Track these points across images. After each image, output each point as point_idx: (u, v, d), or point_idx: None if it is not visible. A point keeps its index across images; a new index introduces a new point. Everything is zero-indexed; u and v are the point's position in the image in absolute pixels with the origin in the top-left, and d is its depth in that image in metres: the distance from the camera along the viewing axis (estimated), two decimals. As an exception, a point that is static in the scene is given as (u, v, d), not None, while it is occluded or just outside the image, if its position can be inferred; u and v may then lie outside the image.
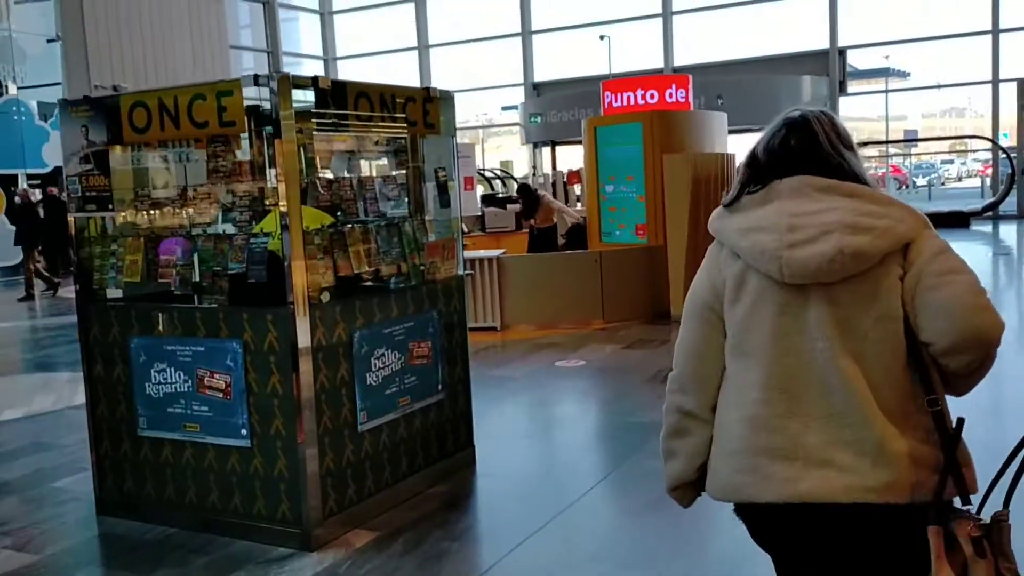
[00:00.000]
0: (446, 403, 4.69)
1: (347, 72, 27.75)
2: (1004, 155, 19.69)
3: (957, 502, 1.75)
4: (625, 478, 4.71)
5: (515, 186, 15.95)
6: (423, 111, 4.64)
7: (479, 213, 13.82)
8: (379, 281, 4.41)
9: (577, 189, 16.76)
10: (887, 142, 25.50)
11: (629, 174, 9.82)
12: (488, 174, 23.48)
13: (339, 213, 4.27)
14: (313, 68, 27.55)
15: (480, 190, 21.26)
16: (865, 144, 21.96)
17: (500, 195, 18.19)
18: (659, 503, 4.26)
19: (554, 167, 23.75)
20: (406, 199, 4.66)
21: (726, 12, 23.75)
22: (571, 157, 23.27)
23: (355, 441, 4.12)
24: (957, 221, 18.24)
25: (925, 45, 22.97)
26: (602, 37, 23.34)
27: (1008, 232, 16.82)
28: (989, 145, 21.93)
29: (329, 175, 4.50)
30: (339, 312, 4.04)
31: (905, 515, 1.70)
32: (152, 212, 4.32)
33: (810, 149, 1.82)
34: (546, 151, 25.44)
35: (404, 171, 4.71)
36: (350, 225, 4.27)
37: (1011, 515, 1.72)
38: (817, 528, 1.75)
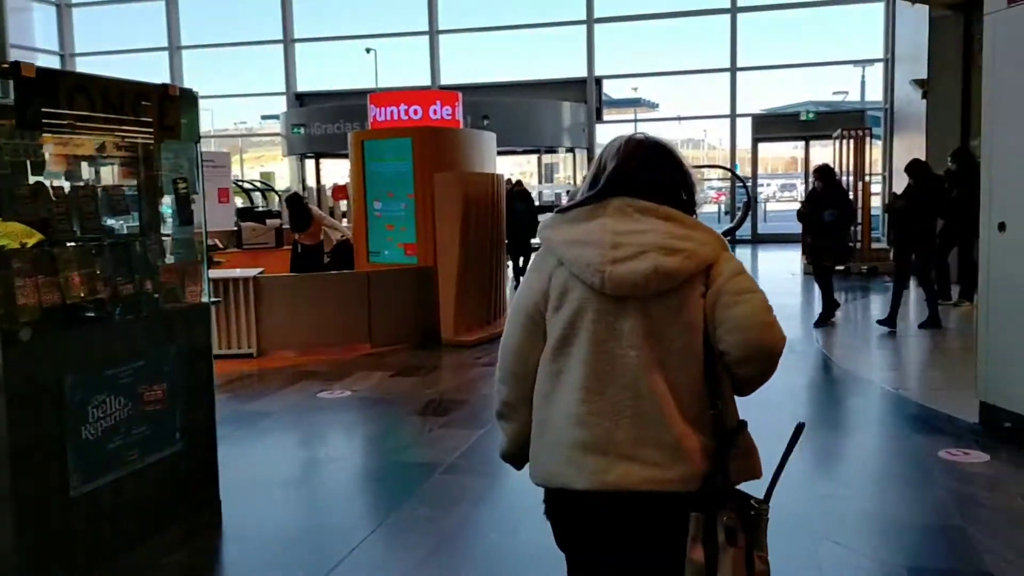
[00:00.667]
0: (185, 454, 4.00)
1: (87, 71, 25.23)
2: (740, 184, 21.28)
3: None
4: (397, 529, 4.23)
5: (276, 200, 15.05)
6: (160, 112, 3.94)
7: (235, 228, 12.81)
8: (101, 311, 3.66)
9: (343, 205, 16.10)
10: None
11: (398, 191, 9.38)
12: (247, 186, 22.19)
13: (50, 230, 3.48)
14: (47, 64, 24.82)
15: (240, 203, 20.04)
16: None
17: (259, 209, 17.10)
18: (435, 554, 3.89)
19: (318, 181, 22.83)
20: (137, 214, 3.93)
21: (493, 35, 24.03)
22: (336, 171, 22.50)
23: (65, 510, 3.35)
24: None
25: (672, 79, 24.46)
26: (368, 50, 22.81)
27: (744, 255, 18.09)
28: (723, 174, 23.67)
29: (51, 183, 3.67)
30: (45, 351, 3.28)
31: (692, 502, 1.88)
32: None
33: (647, 172, 1.99)
34: (310, 164, 24.45)
35: (135, 181, 3.97)
36: (64, 244, 3.50)
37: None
38: (621, 514, 1.92)
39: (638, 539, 1.95)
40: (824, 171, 9.79)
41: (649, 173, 2.00)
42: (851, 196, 14.66)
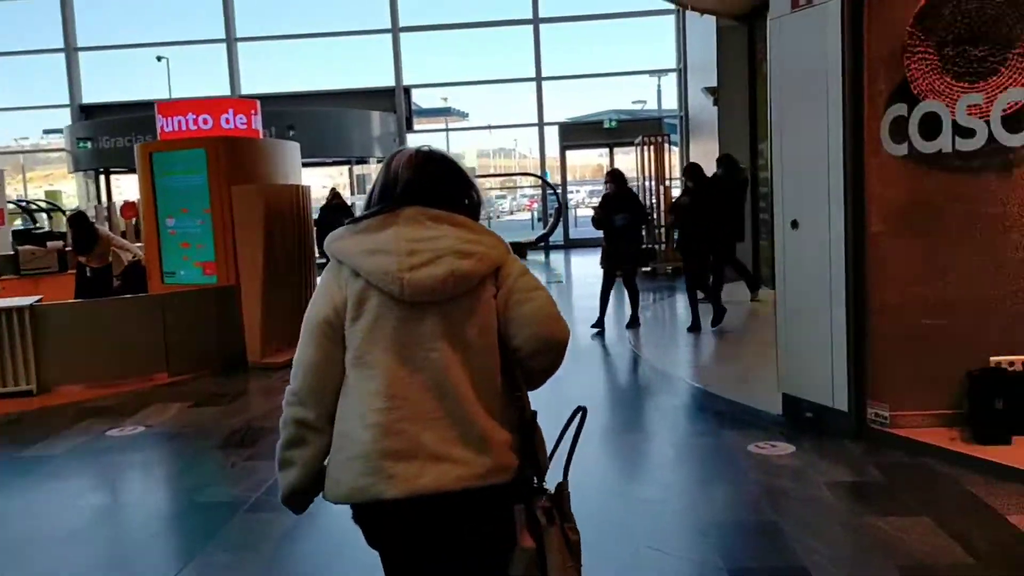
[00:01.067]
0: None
1: None
2: (551, 191, 21.71)
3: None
4: (194, 580, 3.82)
5: (63, 220, 13.80)
6: None
7: (11, 252, 11.60)
8: None
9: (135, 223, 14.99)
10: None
11: (193, 206, 8.76)
12: (32, 206, 20.36)
13: None
14: None
15: (20, 224, 18.31)
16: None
17: (37, 230, 15.63)
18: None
19: (109, 198, 21.25)
20: None
21: (296, 43, 23.29)
22: (131, 187, 21.04)
23: None
24: (515, 252, 19.66)
25: (481, 88, 24.65)
26: (160, 58, 21.51)
27: (557, 260, 18.44)
28: (535, 181, 24.09)
29: None
30: None
31: (506, 494, 1.96)
32: None
33: (432, 181, 2.05)
34: (101, 180, 22.75)
35: None
36: None
37: (571, 484, 2.09)
38: (439, 516, 1.95)
39: (457, 539, 2.00)
40: (615, 175, 9.63)
41: (439, 184, 2.06)
42: (643, 200, 15.31)
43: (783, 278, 5.70)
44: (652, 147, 15.54)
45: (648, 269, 14.04)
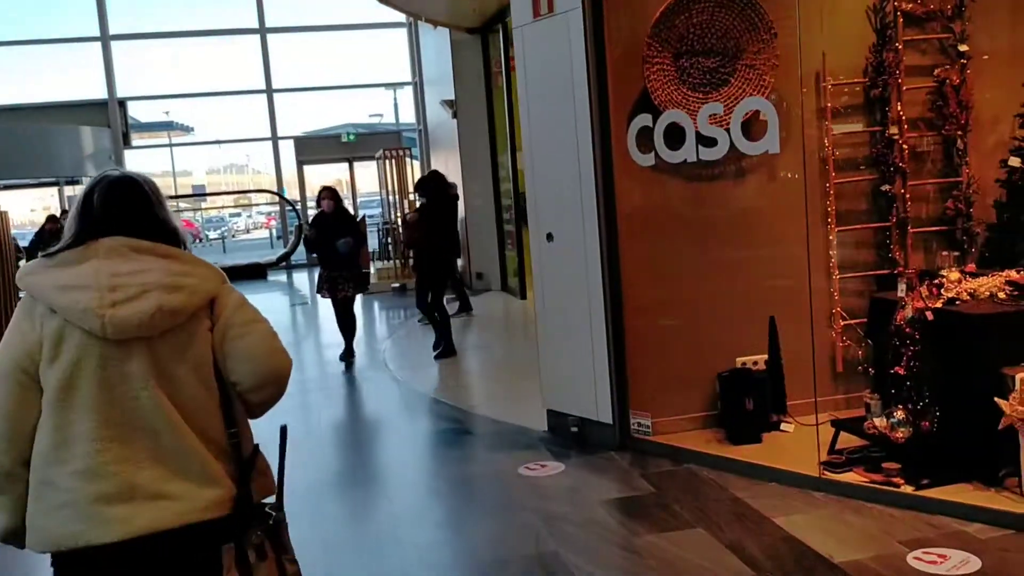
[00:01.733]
0: None
1: None
2: (290, 208, 20.82)
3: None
4: None
5: None
6: None
7: None
8: None
9: None
10: (177, 197, 25.09)
11: None
12: None
13: None
14: None
15: None
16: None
17: None
18: None
19: None
20: None
21: (-14, 50, 20.63)
22: None
23: None
24: (255, 273, 18.67)
25: (206, 101, 23.17)
26: None
27: (301, 280, 17.65)
28: (272, 198, 23.03)
29: None
30: None
31: (222, 531, 1.89)
32: None
33: (132, 209, 1.95)
34: None
35: None
36: None
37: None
38: (152, 558, 1.84)
39: None
40: (332, 192, 8.54)
41: (131, 209, 1.97)
42: (387, 213, 14.92)
43: (541, 291, 5.60)
44: (394, 160, 15.28)
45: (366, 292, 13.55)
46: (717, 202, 5.16)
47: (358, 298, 8.86)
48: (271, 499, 2.07)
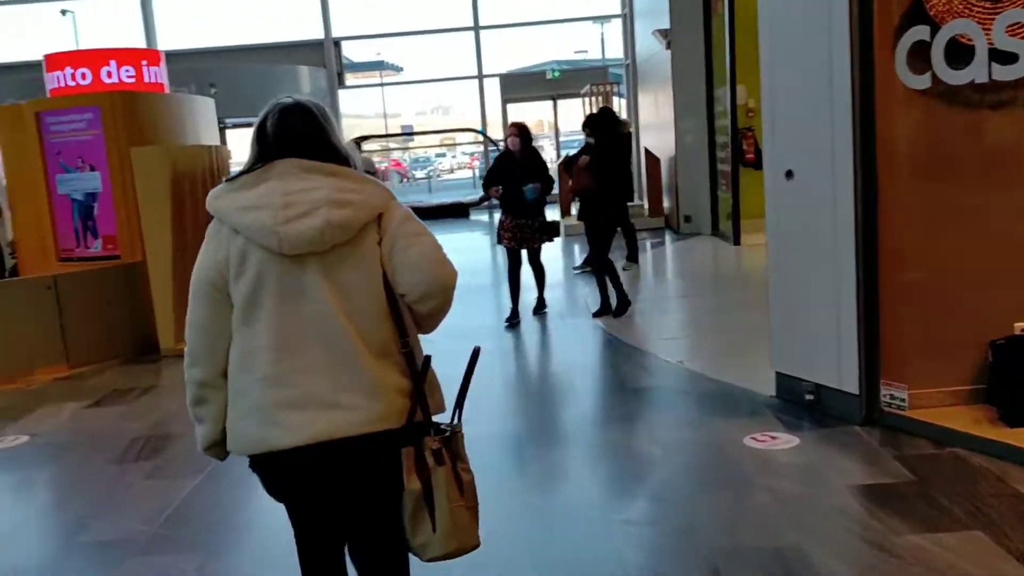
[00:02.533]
0: None
1: None
2: (493, 147, 20.72)
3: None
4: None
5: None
6: None
7: None
8: None
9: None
10: (387, 136, 25.65)
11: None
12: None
13: None
14: None
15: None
16: (367, 138, 21.66)
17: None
18: None
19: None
20: None
21: (213, -6, 21.72)
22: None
23: None
24: (458, 212, 18.92)
25: (416, 40, 23.40)
26: (64, 12, 19.80)
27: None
28: (477, 138, 23.01)
29: None
30: None
31: (397, 439, 1.99)
32: None
33: (303, 133, 2.05)
34: None
35: None
36: None
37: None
38: (331, 462, 1.98)
39: (351, 484, 2.03)
40: (521, 129, 7.50)
41: (303, 134, 2.04)
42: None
43: (776, 236, 4.90)
44: (600, 97, 14.66)
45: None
46: (1006, 134, 4.23)
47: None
48: (443, 417, 2.12)
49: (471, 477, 2.07)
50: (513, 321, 7.51)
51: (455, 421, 2.10)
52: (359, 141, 14.28)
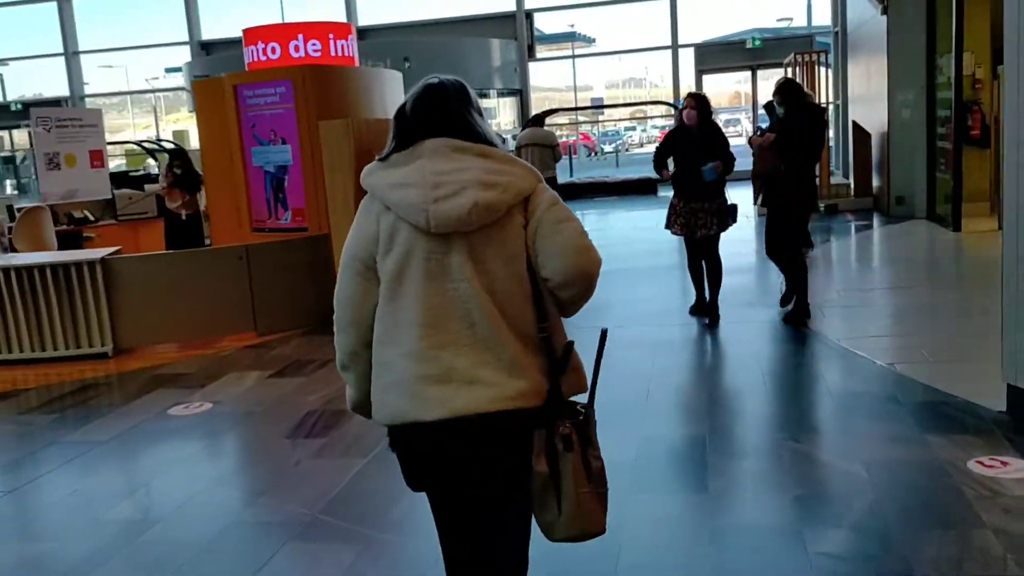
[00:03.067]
0: None
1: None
2: (686, 120, 19.92)
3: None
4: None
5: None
6: None
7: (109, 196, 11.07)
8: None
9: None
10: (575, 109, 25.32)
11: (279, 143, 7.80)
12: (153, 146, 20.18)
13: None
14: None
15: (155, 168, 18.02)
16: (555, 111, 21.44)
17: (134, 172, 15.07)
18: None
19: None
20: None
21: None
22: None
23: None
24: (645, 188, 18.09)
25: (609, 10, 22.87)
26: (273, -9, 20.81)
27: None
28: (667, 111, 22.23)
29: None
30: None
31: (534, 419, 2.01)
32: None
33: (446, 113, 2.05)
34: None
35: None
36: None
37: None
38: (470, 437, 2.00)
39: (488, 461, 2.04)
40: (699, 100, 6.73)
41: (439, 113, 2.05)
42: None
43: (1015, 225, 4.18)
44: (805, 67, 13.63)
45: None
46: None
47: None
48: (582, 397, 2.10)
49: (601, 464, 2.08)
50: (710, 313, 6.75)
51: (588, 408, 2.10)
52: (544, 116, 13.97)
